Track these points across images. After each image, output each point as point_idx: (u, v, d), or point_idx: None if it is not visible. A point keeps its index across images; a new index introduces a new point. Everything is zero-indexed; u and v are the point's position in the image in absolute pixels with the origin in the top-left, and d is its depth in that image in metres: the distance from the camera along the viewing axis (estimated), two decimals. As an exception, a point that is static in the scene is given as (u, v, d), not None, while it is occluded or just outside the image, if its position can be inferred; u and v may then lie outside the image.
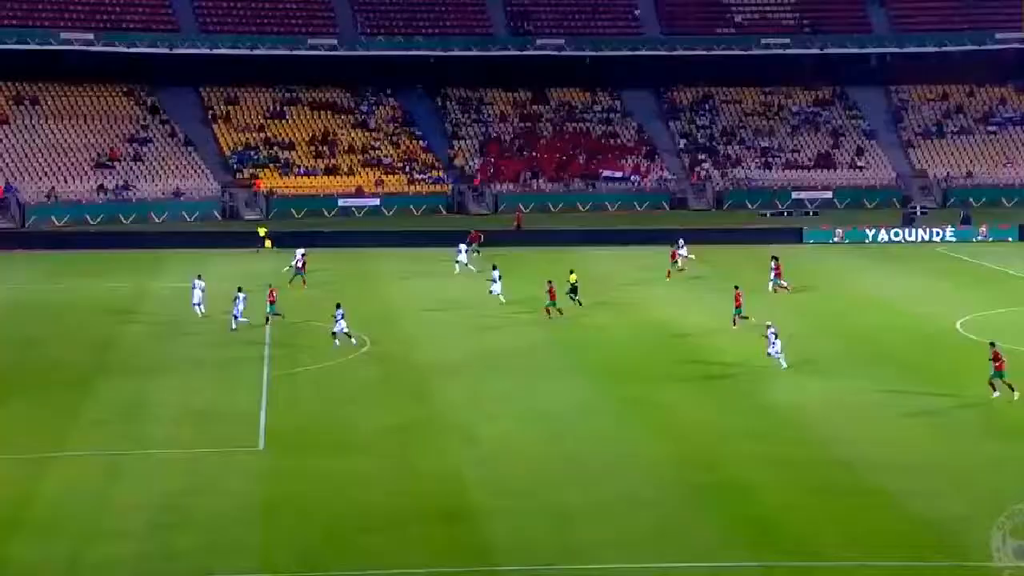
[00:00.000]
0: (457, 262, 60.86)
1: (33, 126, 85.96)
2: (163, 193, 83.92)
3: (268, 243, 69.80)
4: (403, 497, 29.37)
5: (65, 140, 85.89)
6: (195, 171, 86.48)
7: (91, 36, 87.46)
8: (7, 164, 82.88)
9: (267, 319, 47.70)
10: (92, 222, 80.00)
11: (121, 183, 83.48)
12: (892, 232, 75.65)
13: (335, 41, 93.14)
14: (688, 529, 27.61)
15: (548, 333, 47.78)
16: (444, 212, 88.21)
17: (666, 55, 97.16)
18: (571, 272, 52.83)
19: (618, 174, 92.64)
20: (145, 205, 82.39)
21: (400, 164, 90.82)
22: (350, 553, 26.30)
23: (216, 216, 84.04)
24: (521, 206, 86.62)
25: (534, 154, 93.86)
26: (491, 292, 52.80)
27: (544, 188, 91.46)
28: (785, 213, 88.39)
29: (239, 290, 48.00)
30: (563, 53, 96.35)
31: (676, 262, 60.58)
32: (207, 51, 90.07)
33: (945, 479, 30.66)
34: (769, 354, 41.21)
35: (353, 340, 44.62)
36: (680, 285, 58.12)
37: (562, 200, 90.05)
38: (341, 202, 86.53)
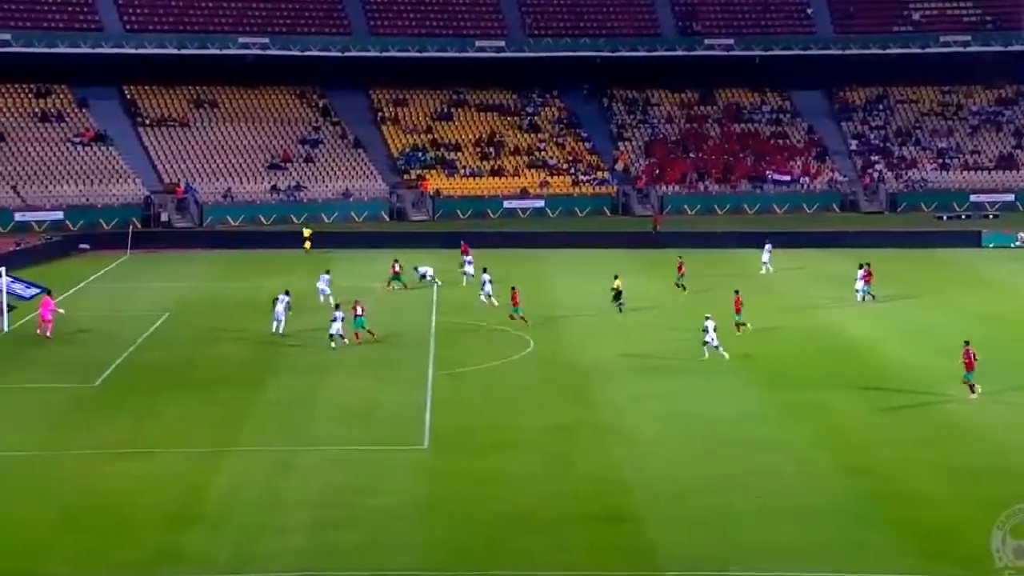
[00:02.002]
0: (464, 273, 59.00)
1: (211, 128, 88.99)
2: (333, 194, 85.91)
3: (307, 244, 70.69)
4: (563, 498, 29.41)
5: (241, 141, 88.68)
6: (364, 172, 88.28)
7: (267, 40, 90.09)
8: (187, 165, 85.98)
9: (356, 334, 45.61)
10: (265, 222, 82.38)
11: (293, 184, 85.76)
12: (1080, 236, 72.68)
13: (503, 43, 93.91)
14: (856, 537, 26.94)
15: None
16: (608, 214, 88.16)
17: (839, 54, 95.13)
18: (615, 277, 52.45)
19: (786, 176, 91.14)
20: (315, 206, 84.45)
21: (565, 165, 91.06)
22: (510, 554, 26.41)
23: (384, 217, 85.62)
24: (674, 207, 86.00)
25: (700, 155, 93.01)
26: (482, 296, 51.79)
27: (710, 190, 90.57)
28: (963, 216, 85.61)
29: (285, 293, 48.27)
30: (732, 53, 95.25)
31: (683, 274, 56.23)
32: (377, 54, 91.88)
33: None
34: (705, 342, 41.89)
35: (345, 340, 44.83)
36: (839, 288, 56.75)
37: (728, 202, 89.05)
38: (506, 203, 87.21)
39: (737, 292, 48.29)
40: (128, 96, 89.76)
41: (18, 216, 78.12)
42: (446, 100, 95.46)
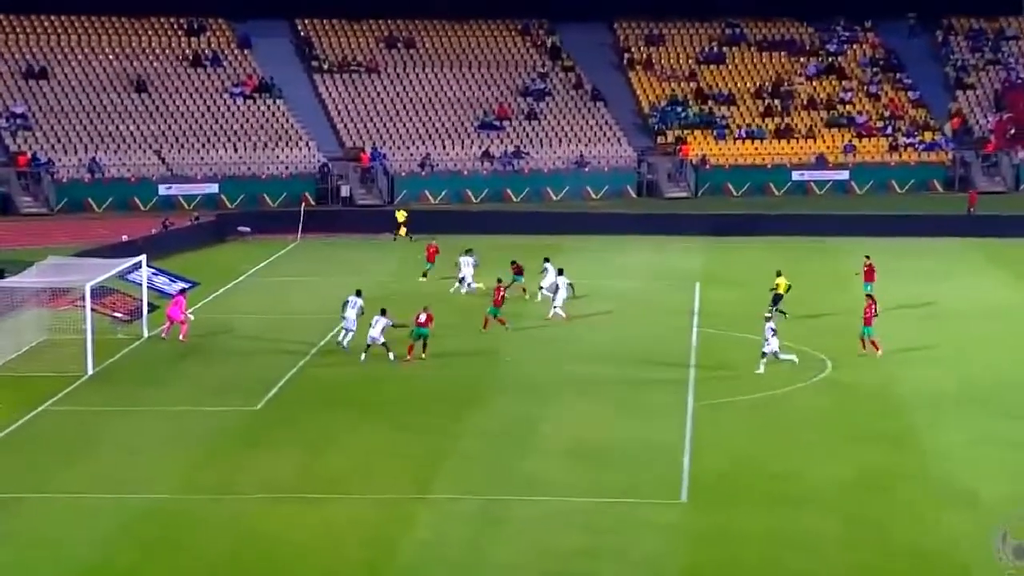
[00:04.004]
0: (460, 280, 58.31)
1: (406, 75, 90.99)
2: (563, 163, 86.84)
3: (403, 231, 70.88)
4: (870, 573, 29.18)
5: (444, 93, 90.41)
6: (604, 133, 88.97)
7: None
8: (374, 124, 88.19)
9: (410, 348, 46.47)
10: (474, 199, 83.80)
11: (511, 149, 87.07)
12: None
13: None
14: None
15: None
16: (940, 189, 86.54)
17: None
18: (778, 274, 51.97)
19: None
20: (539, 177, 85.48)
21: (880, 124, 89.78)
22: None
23: (630, 193, 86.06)
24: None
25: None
26: (553, 304, 52.18)
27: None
28: None
29: (357, 293, 48.71)
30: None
31: (871, 282, 53.77)
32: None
33: None
34: (763, 352, 43.89)
35: (392, 356, 45.81)
36: None
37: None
38: (796, 175, 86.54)
39: (870, 297, 47.49)
40: (301, 33, 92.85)
41: (163, 189, 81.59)
42: (716, 36, 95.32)
